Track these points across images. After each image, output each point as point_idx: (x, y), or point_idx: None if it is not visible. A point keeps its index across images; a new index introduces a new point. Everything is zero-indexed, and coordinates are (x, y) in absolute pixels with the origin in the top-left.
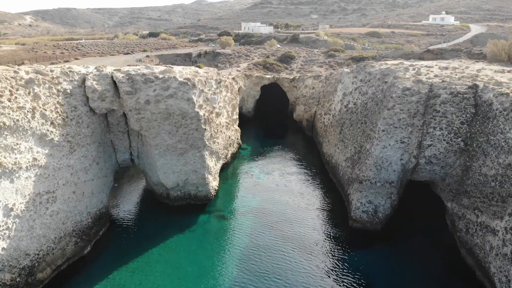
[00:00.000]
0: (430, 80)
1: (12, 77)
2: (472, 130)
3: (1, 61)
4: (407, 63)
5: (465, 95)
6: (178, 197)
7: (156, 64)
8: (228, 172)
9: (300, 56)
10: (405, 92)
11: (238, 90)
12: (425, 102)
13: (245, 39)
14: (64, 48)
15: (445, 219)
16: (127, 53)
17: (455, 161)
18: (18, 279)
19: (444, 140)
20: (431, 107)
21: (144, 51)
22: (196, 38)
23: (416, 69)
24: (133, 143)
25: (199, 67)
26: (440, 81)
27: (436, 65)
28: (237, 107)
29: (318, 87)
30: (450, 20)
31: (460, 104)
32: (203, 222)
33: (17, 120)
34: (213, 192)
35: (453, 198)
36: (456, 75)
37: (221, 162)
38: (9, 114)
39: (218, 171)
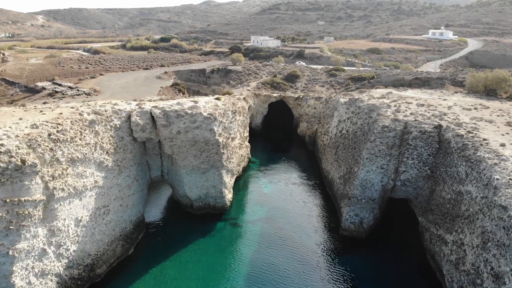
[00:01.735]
0: (406, 118)
1: (79, 120)
2: (436, 161)
3: (33, 75)
4: (395, 93)
5: (431, 134)
6: (200, 207)
7: (174, 83)
8: (240, 184)
9: (304, 75)
10: (384, 129)
11: (248, 108)
12: (401, 137)
13: (254, 53)
14: (88, 63)
15: (419, 230)
16: (146, 68)
17: (424, 184)
18: (83, 274)
19: (415, 167)
20: (405, 141)
21: (162, 66)
22: (208, 49)
23: (397, 106)
24: (164, 163)
25: (218, 99)
26: (414, 119)
27: (416, 101)
28: (248, 125)
29: (319, 108)
30: (449, 35)
31: (427, 140)
32: (220, 228)
33: (85, 154)
34: (228, 203)
35: (423, 214)
36: (428, 112)
37: (235, 176)
38: (80, 150)
39: (232, 184)
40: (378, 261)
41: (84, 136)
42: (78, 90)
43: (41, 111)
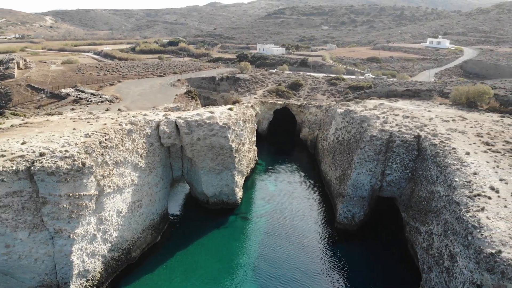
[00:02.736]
0: (391, 129)
1: (120, 129)
2: (416, 165)
3: (56, 82)
4: (386, 104)
5: (411, 142)
6: (215, 203)
7: (188, 90)
8: (248, 183)
9: (307, 84)
10: (372, 137)
11: (256, 114)
12: (386, 145)
13: (260, 61)
14: (106, 70)
15: (402, 224)
16: (160, 76)
17: (406, 185)
18: (121, 256)
19: (399, 171)
20: (390, 148)
21: (174, 73)
22: (216, 55)
23: (385, 117)
24: (184, 164)
25: (231, 109)
26: (398, 130)
27: (403, 112)
28: (255, 130)
29: (319, 115)
30: (446, 43)
31: (408, 148)
32: (232, 221)
33: (125, 157)
34: (239, 200)
35: (405, 210)
36: (411, 124)
37: (244, 176)
38: (122, 154)
39: (242, 183)
40: (367, 250)
41: (125, 143)
42: (101, 97)
43: (88, 122)
